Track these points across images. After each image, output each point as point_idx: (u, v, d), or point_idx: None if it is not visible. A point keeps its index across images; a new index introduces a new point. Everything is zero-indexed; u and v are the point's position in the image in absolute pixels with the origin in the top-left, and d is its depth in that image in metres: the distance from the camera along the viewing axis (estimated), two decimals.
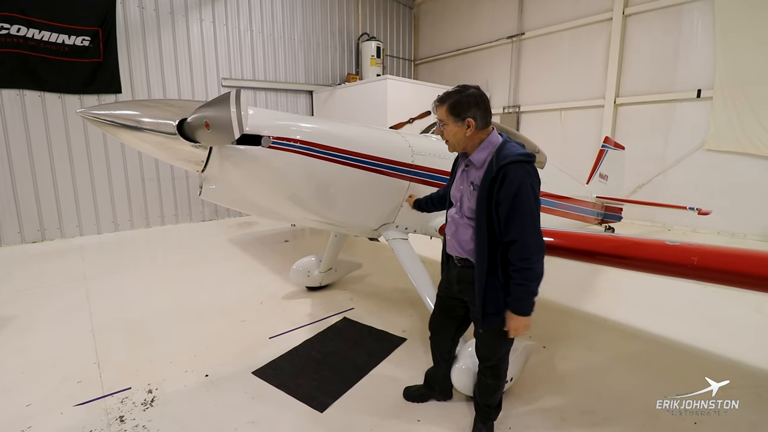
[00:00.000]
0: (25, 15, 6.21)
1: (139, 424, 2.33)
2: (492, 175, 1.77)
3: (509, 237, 1.77)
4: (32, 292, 4.47)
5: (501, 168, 1.75)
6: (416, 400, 2.45)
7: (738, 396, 2.51)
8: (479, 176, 1.85)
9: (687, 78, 7.39)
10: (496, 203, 1.76)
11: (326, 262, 4.27)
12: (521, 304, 1.82)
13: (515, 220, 1.74)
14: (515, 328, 1.86)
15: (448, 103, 1.87)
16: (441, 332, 2.33)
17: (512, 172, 1.74)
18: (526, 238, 1.76)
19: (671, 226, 7.88)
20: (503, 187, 1.74)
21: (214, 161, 2.33)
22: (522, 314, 1.83)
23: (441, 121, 1.91)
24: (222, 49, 8.40)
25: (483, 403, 2.21)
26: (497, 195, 1.75)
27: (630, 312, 3.93)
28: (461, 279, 2.06)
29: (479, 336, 2.10)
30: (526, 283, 1.79)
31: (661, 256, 2.02)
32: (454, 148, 1.98)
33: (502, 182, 1.74)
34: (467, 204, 1.93)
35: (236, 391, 2.63)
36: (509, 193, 1.73)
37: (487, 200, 1.78)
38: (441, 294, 2.29)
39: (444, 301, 2.27)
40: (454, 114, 1.86)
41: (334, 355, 3.09)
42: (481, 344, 2.12)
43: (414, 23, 12.19)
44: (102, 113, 2.17)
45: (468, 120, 1.85)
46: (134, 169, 7.58)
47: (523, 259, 1.76)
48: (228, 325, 3.63)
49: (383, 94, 8.34)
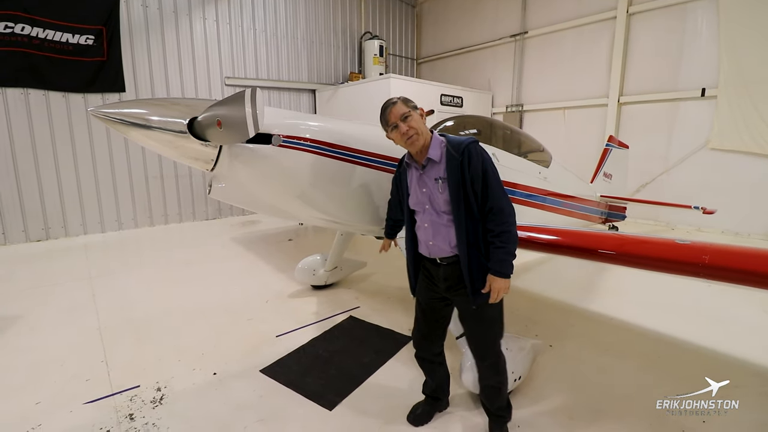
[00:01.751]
0: (29, 14, 6.22)
1: (149, 421, 2.34)
2: (458, 159, 1.89)
3: (487, 206, 1.89)
4: (37, 290, 4.48)
5: (462, 151, 1.89)
6: (425, 421, 2.34)
7: (741, 395, 2.50)
8: (442, 169, 1.94)
9: (691, 77, 7.37)
10: (471, 182, 1.87)
11: (331, 260, 4.27)
12: (502, 265, 1.89)
13: (490, 190, 1.88)
14: (497, 289, 1.91)
15: (400, 99, 2.00)
16: (429, 337, 2.26)
17: (473, 150, 1.90)
18: (501, 203, 1.89)
19: (675, 225, 7.87)
20: (471, 166, 1.87)
21: (223, 160, 2.33)
22: (503, 275, 1.90)
23: (403, 114, 1.94)
24: (225, 48, 8.40)
25: (493, 407, 2.20)
26: (469, 173, 1.87)
27: (636, 311, 3.92)
28: (449, 275, 2.03)
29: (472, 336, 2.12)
30: (505, 245, 1.88)
31: (672, 255, 2.02)
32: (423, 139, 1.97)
33: (469, 161, 1.88)
34: (441, 199, 1.95)
35: (244, 389, 2.64)
36: (478, 168, 1.88)
37: (462, 183, 1.88)
38: (422, 300, 2.22)
39: (427, 305, 2.20)
40: (411, 105, 1.98)
41: (341, 354, 3.10)
42: (475, 345, 2.13)
43: (417, 22, 12.18)
44: (113, 111, 2.17)
45: (420, 109, 2.01)
46: (138, 168, 7.59)
47: (501, 222, 1.88)
48: (234, 323, 3.64)
49: (386, 93, 8.32)
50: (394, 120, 1.95)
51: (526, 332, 3.41)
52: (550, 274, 5.15)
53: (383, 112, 2.00)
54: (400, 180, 2.21)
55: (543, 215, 4.37)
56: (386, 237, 2.72)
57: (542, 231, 2.73)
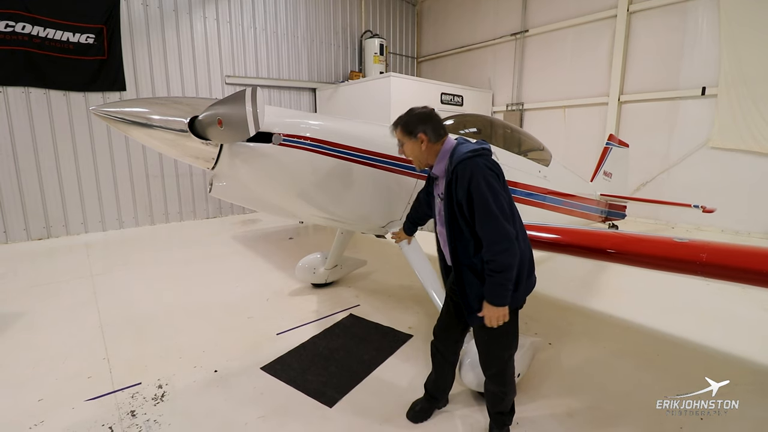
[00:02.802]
0: (30, 13, 6.22)
1: (151, 418, 2.36)
2: (449, 179, 1.88)
3: (479, 232, 1.84)
4: (39, 288, 4.50)
5: (453, 170, 1.85)
6: (424, 418, 2.36)
7: (740, 394, 2.52)
8: (442, 185, 1.98)
9: (691, 75, 7.36)
10: (457, 205, 1.85)
11: (332, 259, 4.29)
12: (493, 293, 1.85)
13: (476, 216, 1.81)
14: (488, 317, 1.88)
15: (401, 125, 2.03)
16: (449, 330, 2.28)
17: (460, 170, 1.82)
18: (484, 231, 1.80)
19: (675, 224, 7.88)
20: (457, 188, 1.82)
21: (224, 158, 2.35)
22: (495, 305, 1.84)
23: (399, 141, 2.06)
24: (225, 47, 8.40)
25: (494, 410, 2.20)
26: (456, 196, 1.84)
27: (634, 309, 3.94)
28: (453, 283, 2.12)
29: (479, 343, 2.09)
30: (493, 275, 1.82)
31: (670, 253, 2.03)
32: (418, 164, 2.09)
33: (456, 183, 1.83)
34: (442, 214, 2.02)
35: (245, 387, 2.66)
36: (463, 191, 1.81)
37: (450, 204, 1.88)
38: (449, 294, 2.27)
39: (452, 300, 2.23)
40: (407, 132, 2.00)
41: (341, 351, 3.12)
42: (481, 352, 2.10)
43: (417, 20, 12.17)
44: (114, 111, 2.19)
45: (420, 135, 1.97)
46: (138, 167, 7.61)
47: (488, 251, 1.82)
48: (235, 321, 3.66)
49: (387, 91, 8.33)
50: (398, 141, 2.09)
51: (525, 330, 3.42)
52: (549, 273, 5.16)
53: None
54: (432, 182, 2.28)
55: (543, 214, 4.38)
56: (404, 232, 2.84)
57: (542, 230, 2.74)
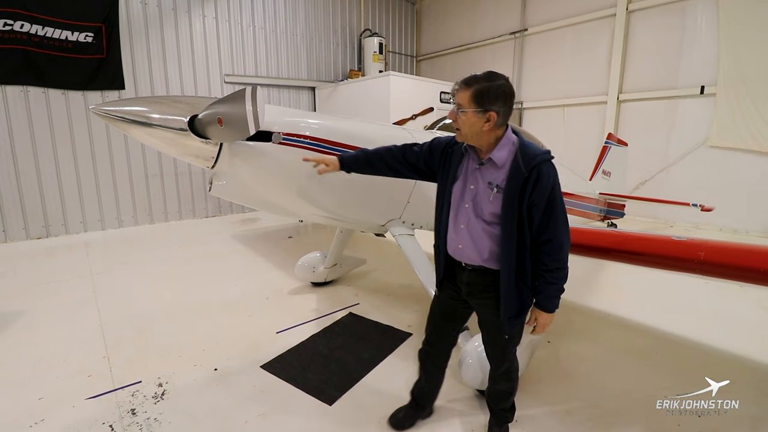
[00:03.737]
0: (29, 11, 6.21)
1: (151, 416, 2.36)
2: (523, 175, 1.65)
3: (543, 237, 1.71)
4: (39, 287, 4.50)
5: (533, 168, 1.65)
6: (408, 425, 2.26)
7: (740, 392, 2.54)
8: (502, 177, 1.70)
9: (690, 74, 7.38)
10: (529, 205, 1.67)
11: (331, 257, 4.30)
12: (553, 302, 1.79)
13: (551, 221, 1.69)
14: (543, 325, 1.83)
15: (474, 89, 1.64)
16: (442, 338, 2.14)
17: (545, 172, 1.66)
18: (561, 238, 1.72)
19: (674, 223, 7.90)
20: (536, 189, 1.65)
21: (224, 157, 2.35)
22: (551, 311, 1.81)
23: (459, 105, 1.68)
24: (224, 46, 8.39)
25: (497, 408, 2.19)
26: (531, 197, 1.66)
27: (633, 308, 3.95)
28: (472, 282, 1.89)
29: (491, 342, 2.01)
30: (558, 282, 1.76)
31: (668, 251, 2.04)
32: (464, 139, 1.77)
33: (536, 183, 1.65)
34: (488, 208, 1.74)
35: (245, 385, 2.66)
36: (544, 194, 1.66)
37: (519, 203, 1.67)
38: (443, 297, 2.08)
39: (446, 303, 2.07)
40: (477, 103, 1.64)
41: (341, 350, 3.12)
42: (496, 353, 2.01)
43: (416, 19, 12.16)
44: (114, 109, 2.19)
45: (490, 113, 1.65)
46: (138, 165, 7.60)
47: (558, 259, 1.74)
48: (235, 320, 3.66)
49: (386, 90, 8.33)
50: (455, 102, 1.72)
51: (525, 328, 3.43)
52: None
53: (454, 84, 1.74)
54: (450, 157, 1.90)
55: None
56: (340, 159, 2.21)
57: None
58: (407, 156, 2.10)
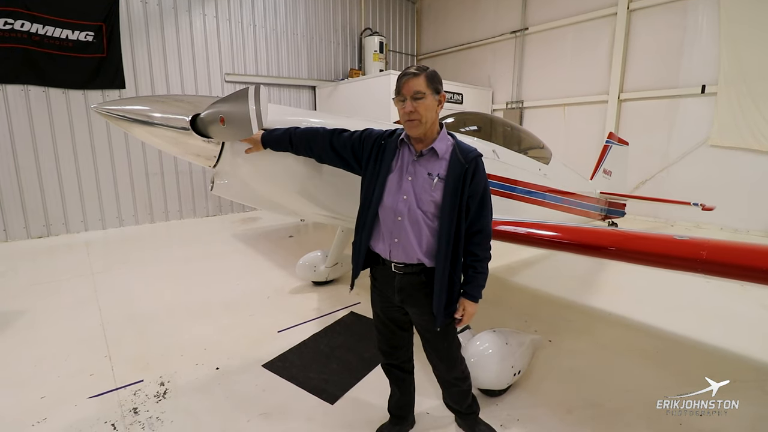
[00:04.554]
0: (29, 10, 6.21)
1: (153, 415, 2.37)
2: (463, 167, 1.73)
3: (475, 228, 1.80)
4: (40, 286, 4.51)
5: (471, 161, 1.75)
6: None
7: (741, 391, 2.54)
8: (443, 167, 1.75)
9: (691, 73, 7.37)
10: (468, 196, 1.75)
11: (332, 257, 4.30)
12: (480, 291, 1.85)
13: (483, 211, 1.80)
14: (471, 314, 1.86)
15: (426, 74, 1.70)
16: (398, 345, 2.07)
17: (480, 166, 1.79)
18: (489, 228, 1.84)
19: (674, 222, 7.90)
20: (474, 180, 1.75)
21: (226, 156, 2.34)
22: (477, 301, 1.86)
23: (417, 92, 1.68)
24: (225, 44, 8.39)
25: (463, 407, 2.17)
26: (470, 187, 1.74)
27: (634, 307, 3.95)
28: (404, 287, 1.84)
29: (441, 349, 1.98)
30: (485, 272, 1.85)
31: (670, 250, 2.04)
32: (422, 129, 1.74)
33: (474, 175, 1.75)
34: (429, 197, 1.75)
35: (247, 384, 2.67)
36: (480, 185, 1.77)
37: (460, 192, 1.73)
38: (378, 310, 2.02)
39: (385, 315, 2.00)
40: (432, 86, 1.71)
41: (342, 349, 3.13)
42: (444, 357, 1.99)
43: (417, 18, 12.15)
44: (116, 108, 2.18)
45: (442, 95, 1.76)
46: (138, 165, 7.60)
47: (487, 248, 1.84)
48: (236, 319, 3.67)
49: (386, 89, 8.32)
50: (406, 93, 1.71)
51: (525, 327, 3.44)
52: (549, 270, 5.18)
53: (400, 77, 1.75)
54: (383, 149, 1.87)
55: (543, 212, 4.39)
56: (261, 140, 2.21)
57: (542, 227, 2.75)
58: (334, 141, 2.06)
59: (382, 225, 1.84)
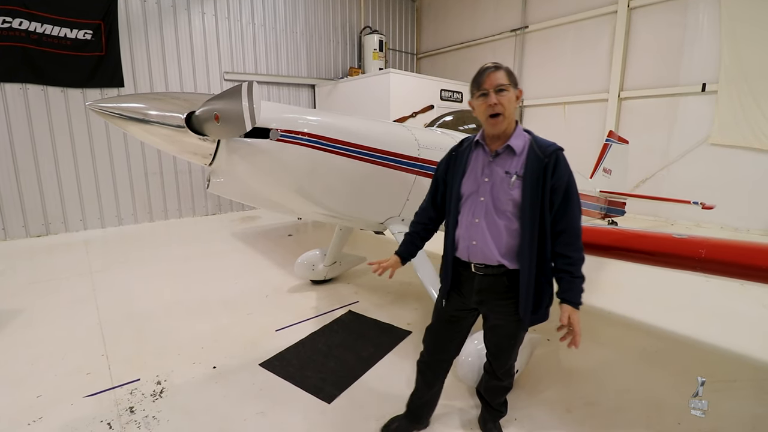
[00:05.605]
0: (27, 9, 6.19)
1: (149, 414, 2.35)
2: (542, 161, 1.65)
3: (560, 226, 1.69)
4: (38, 285, 4.50)
5: (550, 154, 1.67)
6: None
7: (739, 389, 2.52)
8: (520, 164, 1.68)
9: (692, 72, 7.34)
10: (551, 191, 1.65)
11: (331, 255, 4.29)
12: (580, 296, 1.71)
13: (569, 208, 1.68)
14: (576, 321, 1.70)
15: (505, 69, 1.69)
16: (445, 348, 2.03)
17: (562, 159, 1.69)
18: (578, 226, 1.70)
19: (674, 221, 7.88)
20: (556, 173, 1.65)
21: (221, 154, 2.34)
22: (578, 307, 1.71)
23: (500, 85, 1.64)
24: (224, 43, 8.37)
25: (494, 403, 2.19)
26: (552, 181, 1.65)
27: (633, 306, 3.94)
28: (484, 288, 1.79)
29: (500, 344, 1.97)
30: (582, 275, 1.70)
31: (669, 249, 2.03)
32: (504, 123, 1.69)
33: (555, 168, 1.65)
34: (506, 196, 1.69)
35: (244, 383, 2.66)
36: (563, 179, 1.67)
37: (541, 189, 1.65)
38: (449, 308, 1.96)
39: (451, 314, 1.96)
40: (512, 80, 1.68)
41: (340, 348, 3.12)
42: (505, 352, 1.98)
43: (416, 16, 12.12)
44: (111, 106, 2.17)
45: (519, 90, 1.72)
46: (137, 163, 7.60)
47: (578, 248, 1.70)
48: (234, 318, 3.65)
49: (386, 88, 8.31)
50: (488, 87, 1.66)
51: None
52: None
53: (479, 73, 1.71)
54: (455, 160, 1.85)
55: None
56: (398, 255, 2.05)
57: None
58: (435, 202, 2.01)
59: (460, 232, 1.81)
